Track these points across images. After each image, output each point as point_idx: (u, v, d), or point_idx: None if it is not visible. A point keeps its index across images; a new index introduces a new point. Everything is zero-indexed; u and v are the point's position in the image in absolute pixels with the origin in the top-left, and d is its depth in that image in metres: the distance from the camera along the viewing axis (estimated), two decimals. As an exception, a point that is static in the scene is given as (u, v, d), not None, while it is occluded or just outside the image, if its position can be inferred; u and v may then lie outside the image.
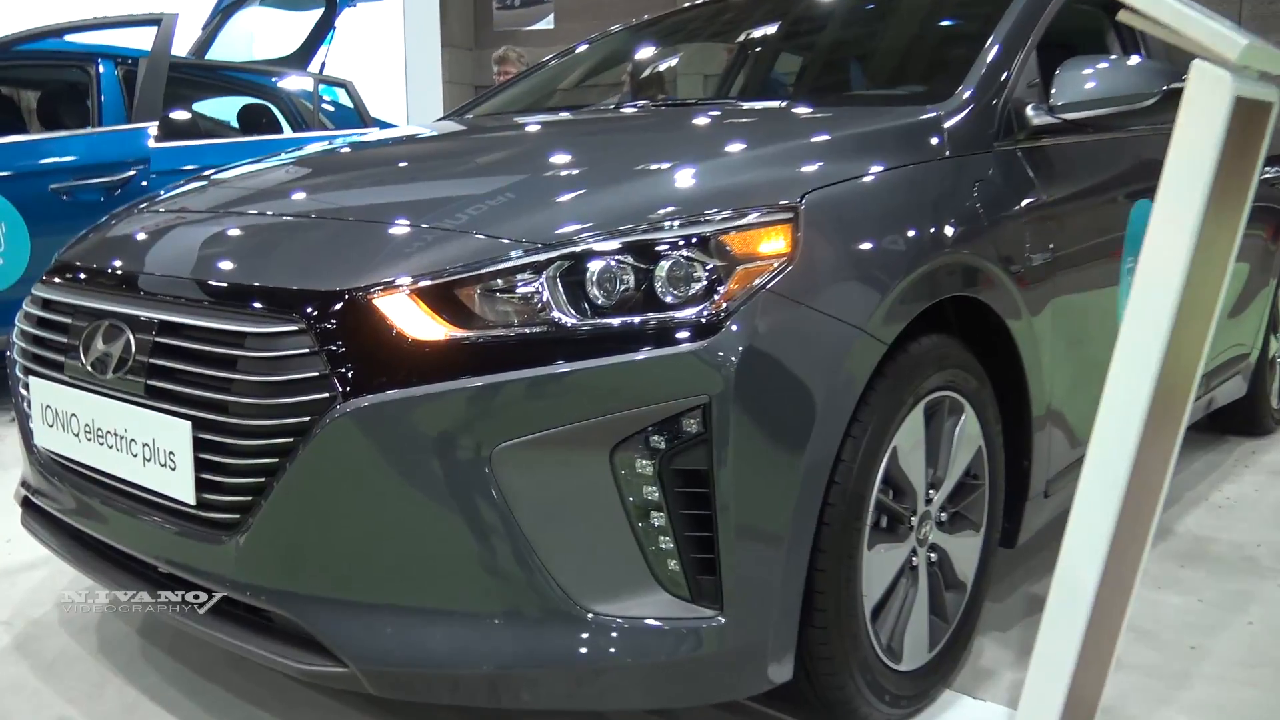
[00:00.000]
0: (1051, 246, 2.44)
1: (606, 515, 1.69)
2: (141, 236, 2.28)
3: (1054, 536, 1.93)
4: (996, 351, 2.29)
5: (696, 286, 1.71)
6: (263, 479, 1.75)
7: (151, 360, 1.90)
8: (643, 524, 1.70)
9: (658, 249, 1.72)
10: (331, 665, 1.75)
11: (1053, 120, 2.46)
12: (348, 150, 2.82)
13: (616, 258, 1.72)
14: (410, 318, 1.69)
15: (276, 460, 1.73)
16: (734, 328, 1.68)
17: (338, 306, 1.72)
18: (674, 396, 1.66)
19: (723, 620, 1.72)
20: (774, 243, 1.78)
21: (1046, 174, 2.53)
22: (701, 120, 2.71)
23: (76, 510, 2.16)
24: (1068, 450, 2.65)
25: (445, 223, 1.86)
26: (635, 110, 3.08)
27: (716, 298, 1.70)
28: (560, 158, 2.32)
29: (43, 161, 5.08)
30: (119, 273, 2.13)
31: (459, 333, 1.69)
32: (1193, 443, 4.23)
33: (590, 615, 1.70)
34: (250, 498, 1.78)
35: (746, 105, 3.08)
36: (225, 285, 1.90)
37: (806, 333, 1.77)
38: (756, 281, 1.73)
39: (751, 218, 1.79)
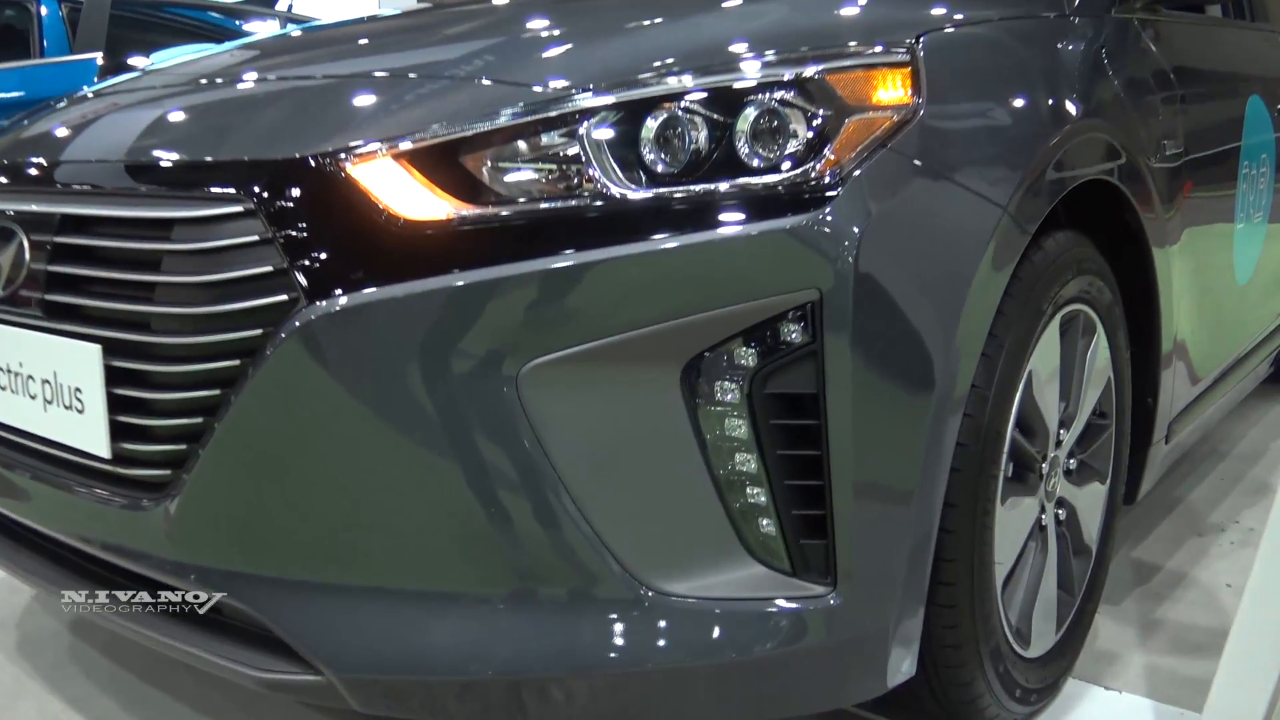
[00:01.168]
0: (1181, 136, 2.00)
1: (676, 459, 1.23)
2: (56, 127, 1.77)
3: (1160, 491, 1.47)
4: (1119, 264, 1.84)
5: (795, 144, 1.24)
6: (199, 419, 1.28)
7: (50, 269, 1.42)
8: (725, 470, 1.24)
9: (741, 94, 1.25)
10: (301, 672, 1.29)
11: (1174, -15, 2.02)
12: (319, 31, 2.30)
13: (684, 106, 1.24)
14: (399, 190, 1.22)
15: (217, 392, 1.26)
16: (851, 197, 1.22)
17: (298, 178, 1.24)
18: (769, 292, 1.20)
19: (837, 600, 1.26)
20: (892, 90, 1.31)
21: (1167, 51, 2.09)
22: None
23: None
24: (1188, 388, 2.21)
25: (445, 72, 1.39)
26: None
27: (824, 158, 1.23)
28: (590, 10, 1.81)
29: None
30: (22, 167, 1.63)
31: (467, 209, 1.21)
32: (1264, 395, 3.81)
33: (652, 596, 1.24)
34: (182, 446, 1.30)
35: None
36: (148, 163, 1.41)
37: (939, 209, 1.31)
38: (874, 137, 1.26)
39: (863, 57, 1.32)
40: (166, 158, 1.39)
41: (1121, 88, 1.79)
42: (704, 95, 1.25)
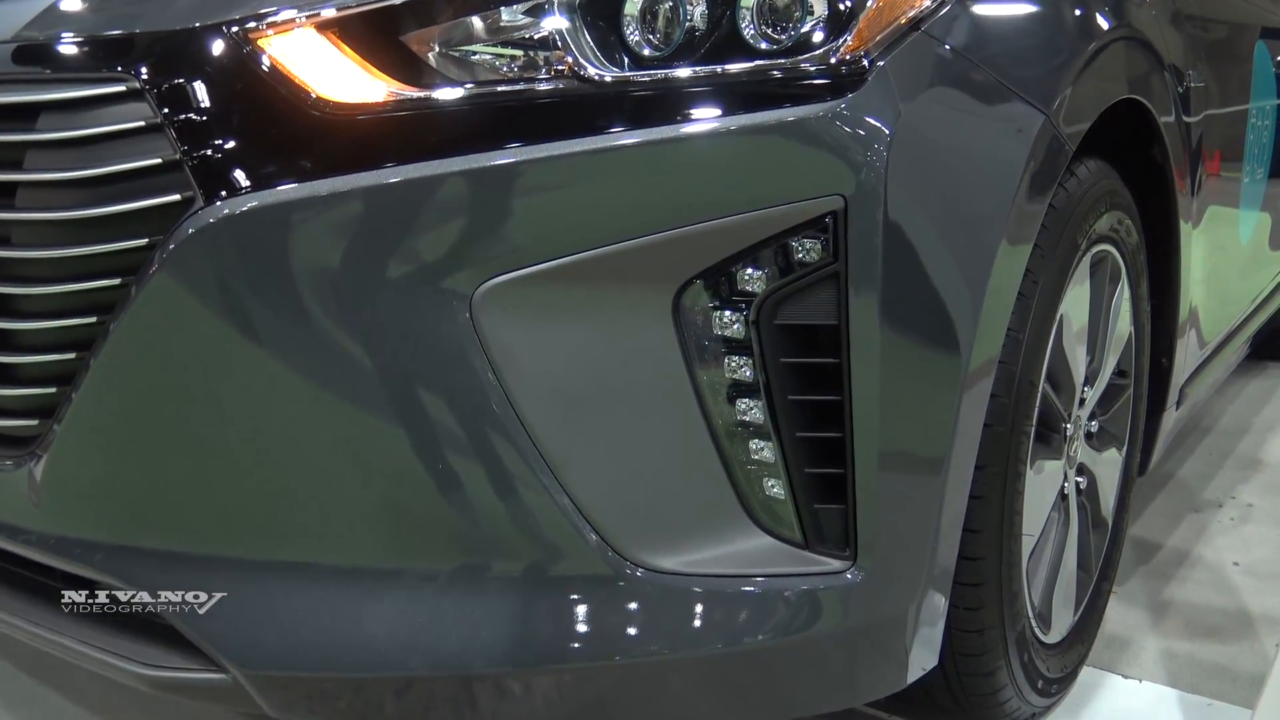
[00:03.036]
0: (1200, 68, 1.81)
1: (665, 404, 1.01)
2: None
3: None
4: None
5: (811, 21, 1.02)
6: (70, 355, 1.02)
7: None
8: (725, 419, 1.02)
9: (744, -43, 1.02)
10: (201, 669, 1.04)
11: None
12: None
13: (677, -28, 1.01)
14: (323, 67, 0.98)
15: (93, 321, 1.00)
16: (880, 86, 1.00)
17: (197, 53, 0.99)
18: (780, 199, 0.97)
19: (855, 575, 1.04)
20: (920, -37, 1.09)
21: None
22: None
23: None
24: (1198, 350, 2.03)
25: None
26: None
27: (846, 39, 1.01)
28: None
29: None
30: None
31: (408, 90, 0.97)
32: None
33: (636, 572, 1.02)
34: (51, 389, 1.04)
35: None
36: (20, 45, 1.14)
37: (976, 111, 1.10)
38: (905, 17, 1.04)
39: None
40: (37, 31, 1.12)
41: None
42: (703, -38, 1.02)
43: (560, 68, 0.99)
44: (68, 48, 1.06)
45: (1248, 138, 2.23)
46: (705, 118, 0.97)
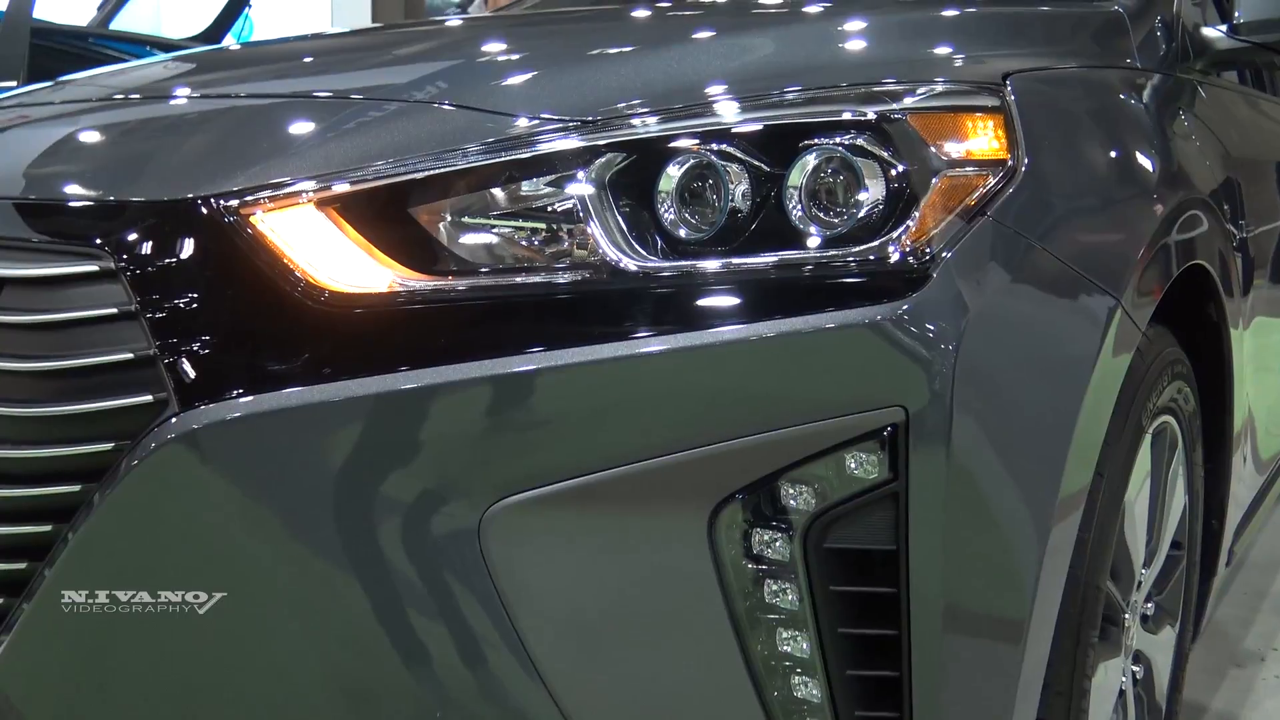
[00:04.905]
0: (1246, 212, 1.72)
1: (697, 638, 0.88)
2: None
3: None
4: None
5: (869, 206, 0.91)
6: (20, 564, 0.90)
7: None
8: (766, 651, 0.89)
9: (796, 136, 0.93)
10: None
11: (1237, 44, 1.75)
12: (259, 46, 1.92)
13: (719, 150, 0.91)
14: (323, 249, 0.87)
15: (48, 529, 0.88)
16: (946, 280, 0.89)
17: (180, 228, 0.89)
18: (833, 411, 0.86)
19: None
20: (984, 141, 1.00)
21: (1223, 119, 1.81)
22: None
23: None
24: (1243, 505, 1.91)
25: (397, 95, 1.04)
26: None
27: (908, 226, 0.90)
28: (604, 25, 1.46)
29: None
30: None
31: (417, 280, 0.87)
32: None
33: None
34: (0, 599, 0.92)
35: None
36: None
37: (1045, 301, 0.99)
38: (970, 201, 0.94)
39: (950, 96, 1.00)
40: (10, 193, 1.02)
41: (1206, 156, 1.51)
42: (746, 136, 0.92)
43: (586, 255, 0.88)
44: (37, 213, 0.95)
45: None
46: (749, 320, 0.86)
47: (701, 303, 0.87)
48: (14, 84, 4.45)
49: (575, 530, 0.85)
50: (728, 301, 0.88)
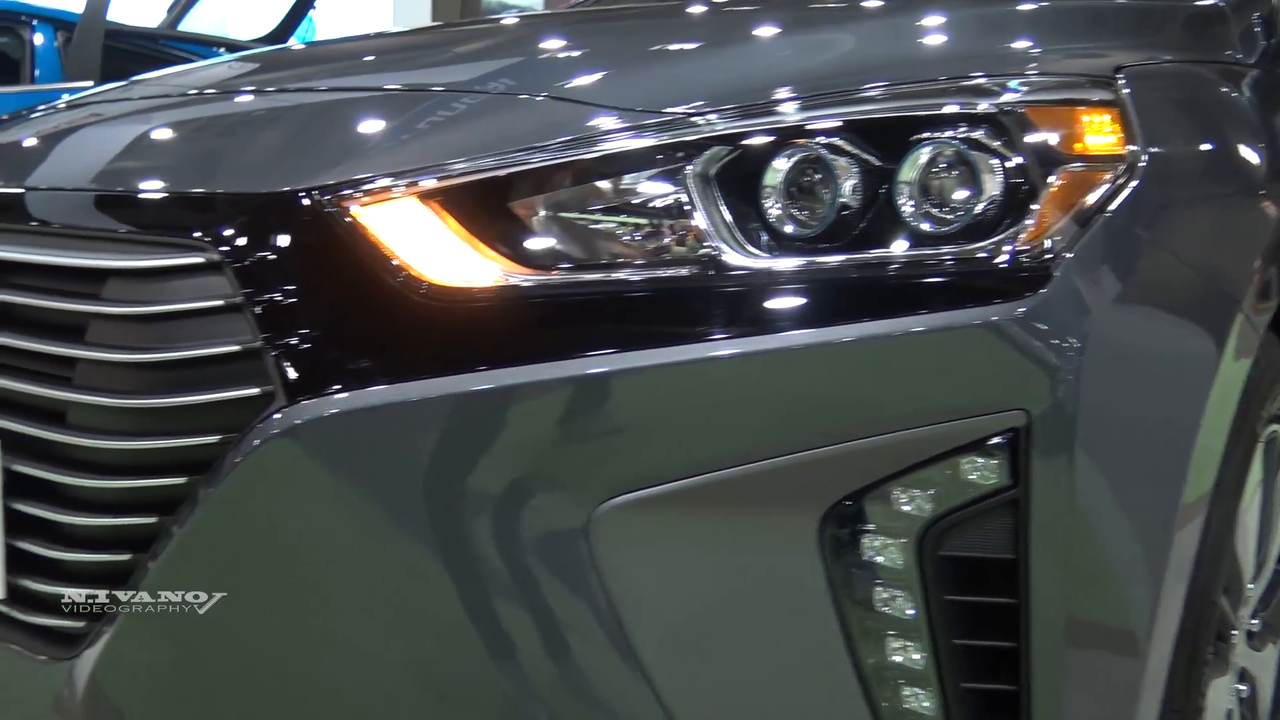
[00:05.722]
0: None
1: (805, 645, 0.86)
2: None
3: None
4: None
5: (985, 202, 0.88)
6: (126, 555, 0.90)
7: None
8: (877, 661, 0.86)
9: (908, 129, 0.90)
10: None
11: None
12: (334, 44, 1.91)
13: (828, 143, 0.89)
14: (425, 243, 0.86)
15: (154, 520, 0.88)
16: (1069, 279, 0.85)
17: (283, 221, 0.88)
18: (949, 414, 0.83)
19: None
20: (1102, 136, 0.96)
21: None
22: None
23: None
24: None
25: (494, 87, 1.03)
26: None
27: (1027, 224, 0.87)
28: (687, 20, 1.42)
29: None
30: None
31: (523, 275, 0.85)
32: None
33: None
34: (100, 589, 0.92)
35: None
36: (86, 195, 1.05)
37: (1169, 304, 0.95)
38: (1091, 197, 0.90)
39: (1065, 90, 0.97)
40: (108, 188, 1.03)
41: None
42: (855, 129, 0.90)
43: (692, 251, 0.86)
44: (141, 206, 0.95)
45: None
46: (862, 319, 0.83)
47: (814, 301, 0.85)
48: (90, 83, 4.55)
49: (683, 532, 0.83)
50: (840, 299, 0.85)
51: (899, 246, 0.87)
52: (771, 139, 0.89)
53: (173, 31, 5.68)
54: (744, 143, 0.89)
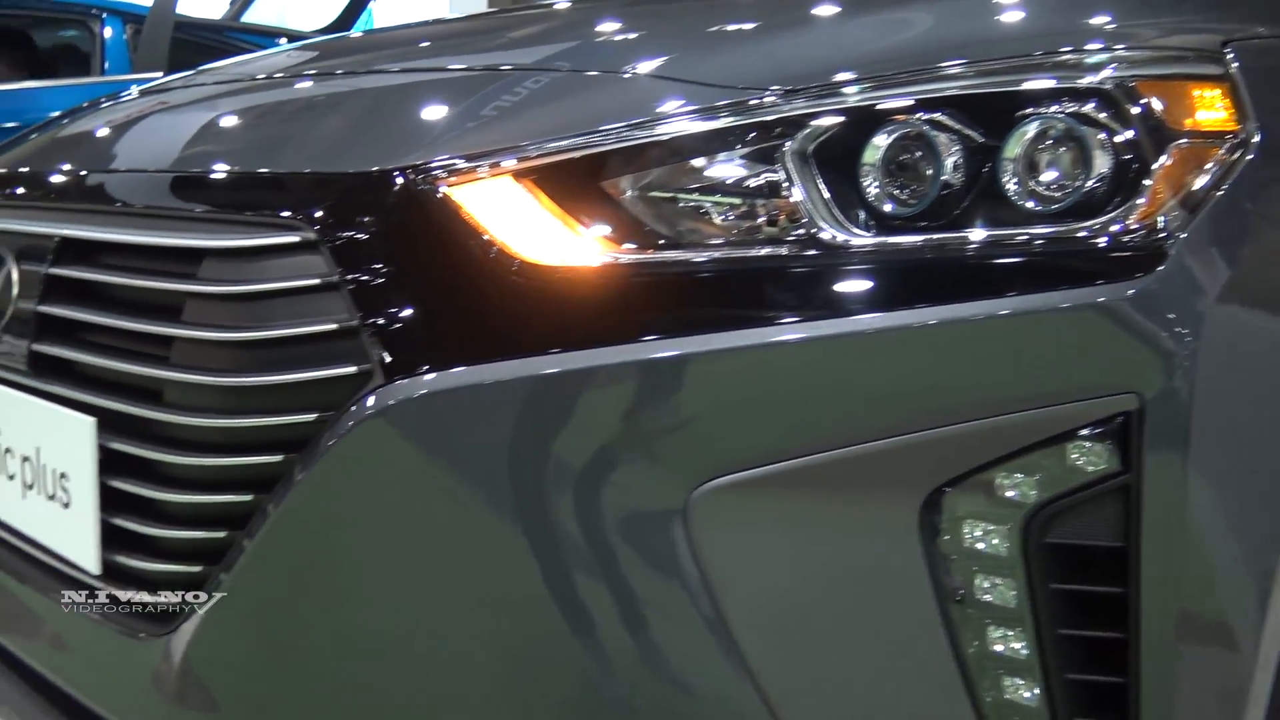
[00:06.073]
0: None
1: (905, 633, 0.84)
2: (77, 131, 1.43)
3: None
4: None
5: (1094, 180, 0.85)
6: (222, 532, 0.91)
7: (41, 309, 1.06)
8: (978, 650, 0.84)
9: (1013, 104, 0.87)
10: None
11: None
12: (398, 29, 1.92)
13: (930, 118, 0.86)
14: (522, 222, 0.85)
15: (250, 498, 0.88)
16: (1184, 260, 0.83)
17: (379, 201, 0.88)
18: (1060, 397, 0.81)
19: None
20: (1210, 111, 0.92)
21: None
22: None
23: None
24: None
25: (583, 66, 1.02)
26: None
27: (1139, 202, 0.84)
28: None
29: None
30: (27, 176, 1.29)
31: (617, 253, 0.84)
32: None
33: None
34: (197, 567, 0.93)
35: None
36: (179, 176, 1.06)
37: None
38: (1206, 175, 0.87)
39: (1175, 63, 0.93)
40: (201, 169, 1.03)
41: None
42: (958, 105, 0.87)
43: (791, 230, 0.85)
44: (235, 187, 0.96)
45: None
46: (967, 299, 0.81)
47: (916, 280, 0.83)
48: (159, 75, 4.62)
49: (782, 516, 0.81)
50: (943, 279, 0.83)
51: (1004, 225, 0.85)
52: (871, 115, 0.87)
53: (236, 23, 5.76)
54: (843, 120, 0.87)
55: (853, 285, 0.83)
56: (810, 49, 1.01)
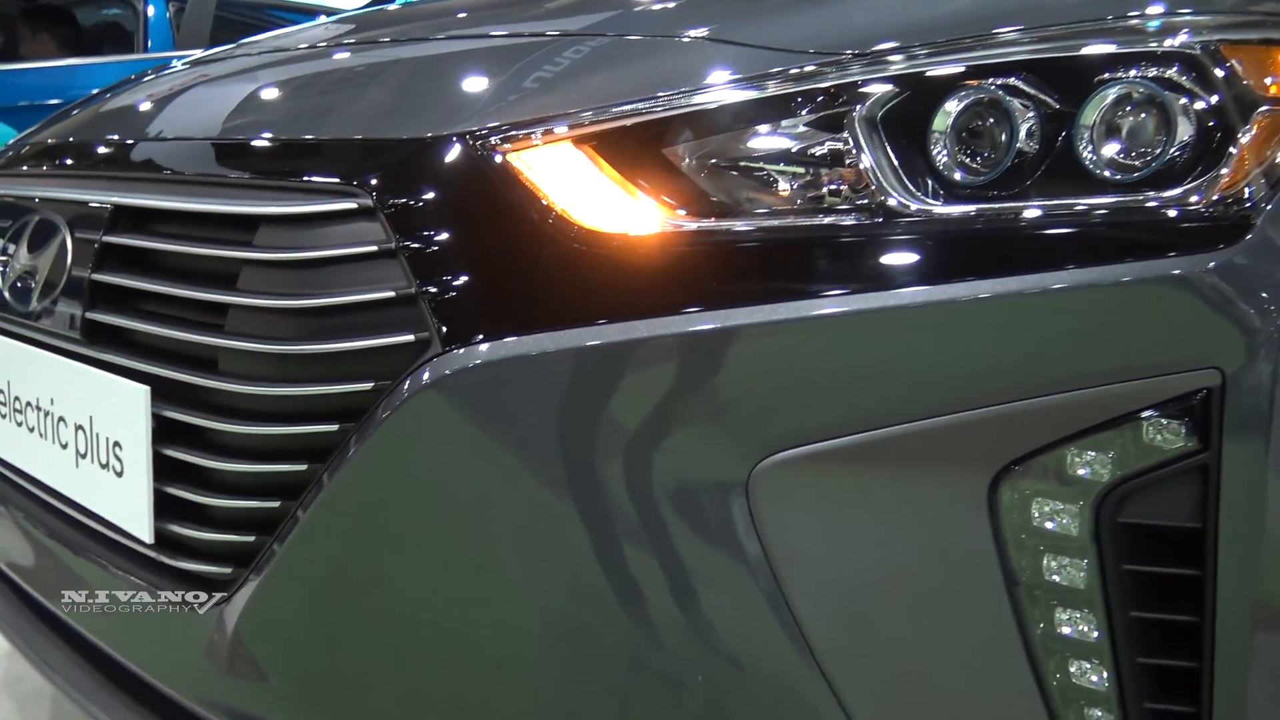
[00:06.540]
0: None
1: (971, 613, 0.82)
2: (126, 101, 1.43)
3: None
4: None
5: (1176, 147, 0.82)
6: (275, 502, 0.90)
7: (96, 277, 1.06)
8: (1045, 631, 0.82)
9: (1089, 69, 0.84)
10: None
11: None
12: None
13: (1003, 83, 0.84)
14: (582, 188, 0.83)
15: (304, 467, 0.88)
16: (1269, 232, 0.79)
17: (436, 167, 0.86)
18: (1133, 372, 0.78)
19: None
20: (1294, 78, 0.89)
21: None
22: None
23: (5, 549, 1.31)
24: None
25: (640, 31, 1.00)
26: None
27: (1223, 171, 0.81)
28: None
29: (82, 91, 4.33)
30: (80, 146, 1.29)
31: (679, 220, 0.82)
32: None
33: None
34: (250, 536, 0.92)
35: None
36: (233, 143, 1.05)
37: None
38: (1290, 145, 0.84)
39: (1256, 30, 0.90)
40: (255, 136, 1.02)
41: None
42: (1034, 69, 0.84)
43: (859, 198, 0.82)
44: (291, 153, 0.95)
45: None
46: (1043, 269, 0.79)
47: (988, 250, 0.80)
48: (199, 51, 4.64)
49: (847, 490, 0.79)
50: (1016, 249, 0.80)
51: (1080, 194, 0.82)
52: (943, 81, 0.85)
53: (277, 1, 5.78)
54: (914, 86, 0.84)
55: (921, 256, 0.81)
56: (874, 13, 0.98)
